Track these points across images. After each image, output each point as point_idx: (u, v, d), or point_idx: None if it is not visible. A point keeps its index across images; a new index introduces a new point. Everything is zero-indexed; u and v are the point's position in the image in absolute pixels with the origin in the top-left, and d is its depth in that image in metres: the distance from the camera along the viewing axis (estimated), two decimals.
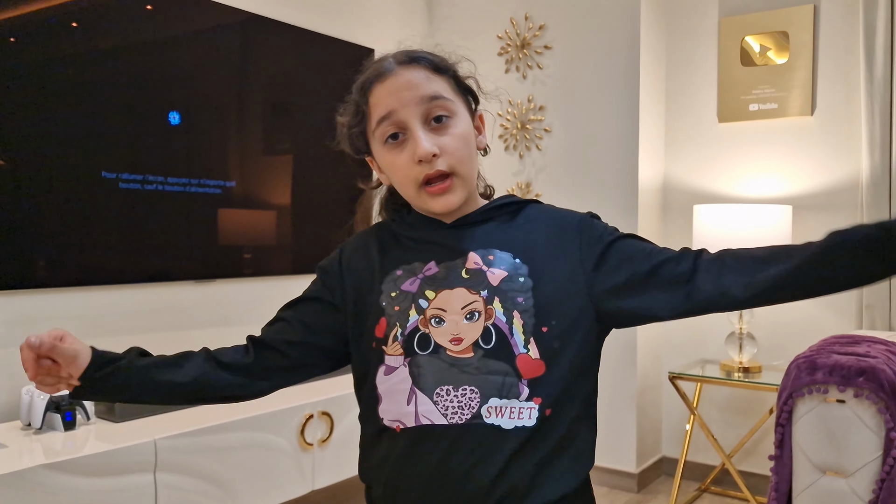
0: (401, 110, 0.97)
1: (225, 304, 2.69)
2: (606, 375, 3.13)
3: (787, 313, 2.97)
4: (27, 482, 1.68)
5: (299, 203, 2.87)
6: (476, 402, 0.92)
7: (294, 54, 2.86)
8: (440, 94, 0.99)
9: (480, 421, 0.92)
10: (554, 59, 3.31)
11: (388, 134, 0.99)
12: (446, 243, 1.01)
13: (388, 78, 0.99)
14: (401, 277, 1.00)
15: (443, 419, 0.93)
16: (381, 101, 0.99)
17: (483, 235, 1.02)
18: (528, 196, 3.36)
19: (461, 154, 0.99)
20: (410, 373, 0.95)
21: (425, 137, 0.97)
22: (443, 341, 0.95)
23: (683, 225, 3.21)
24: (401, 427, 0.95)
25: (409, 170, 0.98)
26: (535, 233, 1.03)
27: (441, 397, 0.93)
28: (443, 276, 0.99)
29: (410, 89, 0.98)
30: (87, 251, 2.22)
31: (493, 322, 0.95)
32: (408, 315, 0.97)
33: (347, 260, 1.08)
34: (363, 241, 1.10)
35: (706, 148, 3.18)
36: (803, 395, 2.01)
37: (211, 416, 2.18)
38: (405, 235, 1.06)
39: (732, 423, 3.10)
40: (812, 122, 2.93)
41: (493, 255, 0.99)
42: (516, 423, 0.92)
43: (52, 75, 2.12)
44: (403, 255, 1.03)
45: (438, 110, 0.98)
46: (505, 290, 0.96)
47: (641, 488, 3.10)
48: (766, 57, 3.02)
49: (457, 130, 0.99)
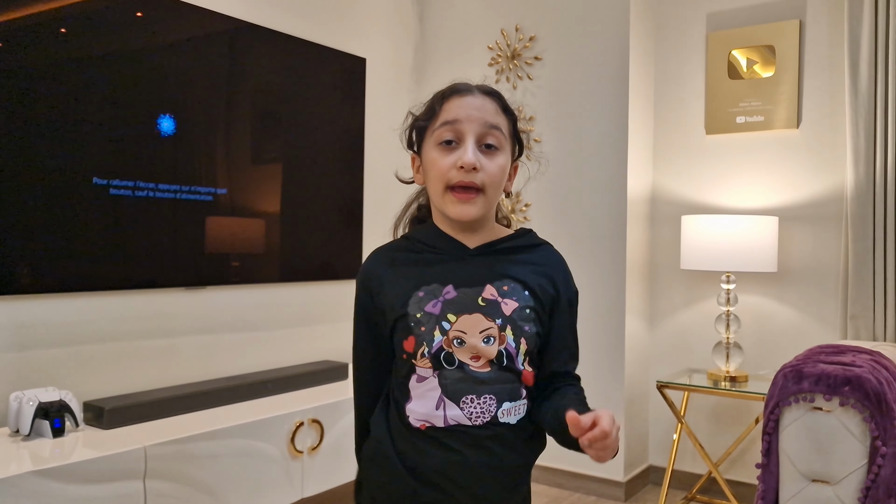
0: (465, 123, 1.15)
1: (213, 312, 2.68)
2: (594, 384, 3.15)
3: (772, 324, 3.01)
4: (15, 489, 1.67)
5: (288, 212, 2.87)
6: (494, 406, 1.14)
7: (285, 63, 2.86)
8: (499, 127, 1.17)
9: (497, 421, 1.14)
10: (544, 70, 3.34)
11: (444, 138, 1.16)
12: (466, 270, 1.18)
13: (466, 96, 1.17)
14: (423, 299, 1.15)
15: (468, 422, 1.13)
16: (453, 108, 1.17)
17: (500, 267, 1.19)
18: (517, 206, 3.38)
19: (495, 180, 1.17)
20: (440, 383, 1.14)
21: (473, 151, 1.14)
22: (465, 359, 1.14)
23: (671, 235, 3.24)
24: (426, 426, 1.14)
25: (448, 171, 1.15)
26: (544, 272, 1.22)
27: (466, 405, 1.13)
28: (461, 301, 1.15)
29: (480, 111, 1.16)
30: (75, 257, 2.21)
31: (505, 346, 1.15)
32: (433, 335, 1.13)
33: (375, 278, 1.23)
34: (381, 260, 1.24)
35: (694, 159, 3.22)
36: (790, 404, 2.03)
37: (201, 423, 2.17)
38: (428, 251, 1.21)
39: (719, 432, 3.12)
40: (798, 134, 2.97)
41: (508, 287, 1.17)
42: (518, 417, 1.16)
43: (40, 82, 2.12)
44: (424, 274, 1.18)
45: (492, 139, 1.16)
46: (516, 320, 1.16)
47: (629, 497, 3.11)
48: (753, 70, 3.06)
49: (499, 161, 1.17)
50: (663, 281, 3.30)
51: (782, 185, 3.00)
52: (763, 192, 3.04)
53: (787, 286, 2.99)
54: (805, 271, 2.95)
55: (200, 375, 2.62)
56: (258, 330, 2.85)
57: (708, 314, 3.15)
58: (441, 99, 1.19)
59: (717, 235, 2.80)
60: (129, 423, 2.13)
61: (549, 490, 3.21)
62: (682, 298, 3.24)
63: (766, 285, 3.03)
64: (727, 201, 3.12)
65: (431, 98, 1.22)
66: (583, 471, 3.18)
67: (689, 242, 2.90)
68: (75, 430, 2.05)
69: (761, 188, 3.05)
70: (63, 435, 1.98)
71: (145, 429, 2.10)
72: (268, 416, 2.28)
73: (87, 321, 2.29)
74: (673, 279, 3.27)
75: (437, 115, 1.18)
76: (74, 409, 2.03)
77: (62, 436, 1.98)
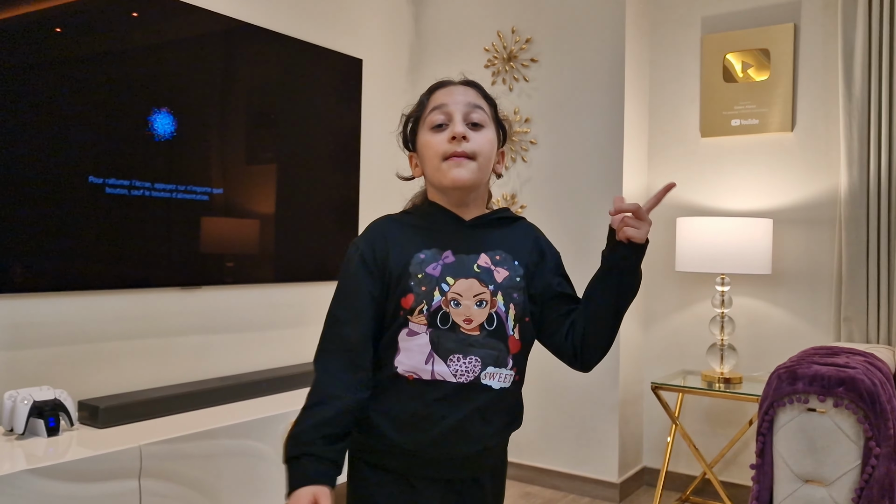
0: (451, 105, 1.28)
1: (207, 312, 2.68)
2: (588, 386, 3.16)
3: (766, 326, 3.02)
4: (9, 487, 1.66)
5: (283, 212, 2.87)
6: (478, 368, 1.22)
7: (282, 63, 2.86)
8: (482, 108, 1.30)
9: (479, 382, 1.22)
10: (540, 72, 3.35)
11: (435, 122, 1.28)
12: (463, 239, 1.28)
13: (450, 86, 1.32)
14: (424, 261, 1.25)
15: (452, 378, 1.21)
16: (439, 97, 1.30)
17: (493, 238, 1.30)
18: (513, 207, 3.39)
19: (483, 150, 1.28)
20: (431, 340, 1.22)
21: (461, 124, 1.26)
22: (458, 320, 1.23)
23: (666, 237, 3.26)
24: (414, 377, 1.21)
25: (441, 145, 1.26)
26: (529, 244, 1.34)
27: (453, 362, 1.21)
28: (459, 266, 1.25)
29: (463, 95, 1.30)
30: (71, 256, 2.20)
31: (496, 310, 1.24)
32: (433, 295, 1.22)
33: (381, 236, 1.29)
34: (385, 225, 1.32)
35: (689, 161, 3.23)
36: (784, 405, 2.04)
37: (197, 422, 2.17)
38: (427, 220, 1.31)
39: (713, 434, 3.13)
40: (792, 137, 2.99)
41: (500, 256, 1.28)
42: (501, 385, 1.24)
43: (35, 81, 2.11)
44: (423, 240, 1.28)
45: (477, 116, 1.28)
46: (506, 287, 1.26)
47: (623, 498, 3.12)
48: (748, 74, 3.08)
49: (486, 136, 1.29)
50: (658, 283, 3.31)
51: (777, 187, 3.02)
52: (757, 194, 3.05)
53: (781, 288, 3.00)
54: (799, 274, 2.97)
55: (195, 375, 2.61)
56: (253, 330, 2.85)
57: (702, 316, 3.16)
58: (428, 93, 1.33)
59: (712, 237, 2.81)
60: (124, 423, 2.12)
61: (544, 491, 3.21)
62: (677, 300, 3.25)
63: (761, 287, 3.04)
64: (722, 203, 3.13)
65: (420, 97, 1.35)
66: (577, 472, 3.19)
67: (683, 244, 2.91)
68: (70, 429, 2.04)
69: (756, 191, 3.06)
70: (58, 434, 1.98)
71: (140, 428, 2.09)
72: (264, 416, 2.28)
73: (82, 320, 2.29)
74: (667, 281, 3.28)
75: (426, 106, 1.31)
76: (69, 408, 2.02)
77: (57, 435, 1.97)
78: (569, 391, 3.21)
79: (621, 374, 3.13)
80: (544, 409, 3.28)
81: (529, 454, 3.32)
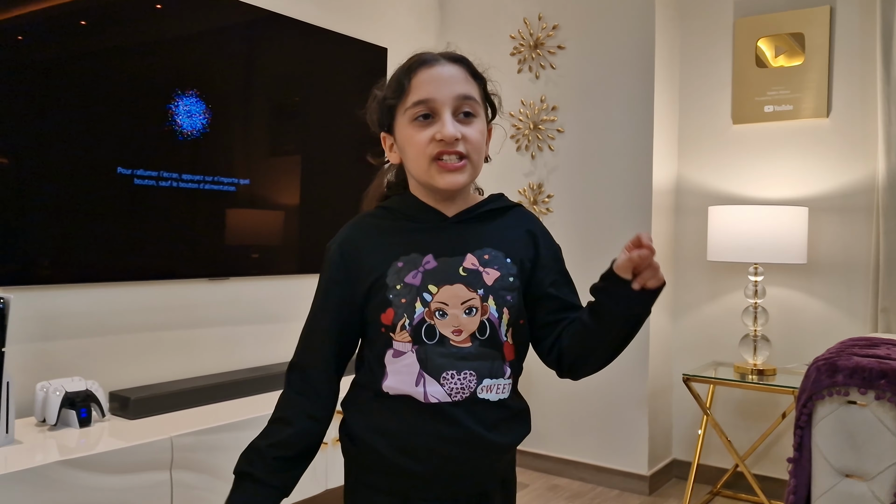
0: (438, 99, 1.11)
1: (234, 303, 2.68)
2: (616, 377, 3.12)
3: (801, 316, 2.96)
4: (42, 479, 1.66)
5: (307, 203, 2.86)
6: (473, 382, 1.09)
7: (306, 53, 2.84)
8: (472, 96, 1.14)
9: (475, 397, 1.10)
10: (567, 60, 3.30)
11: (419, 114, 1.11)
12: (445, 239, 1.14)
13: (433, 66, 1.13)
14: (402, 269, 1.11)
15: (448, 398, 1.09)
16: (422, 85, 1.12)
17: (481, 235, 1.15)
18: (539, 197, 3.35)
19: (477, 146, 1.13)
20: (419, 358, 1.09)
21: (451, 123, 1.10)
22: (446, 332, 1.10)
23: (697, 227, 3.20)
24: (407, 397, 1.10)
25: (427, 146, 1.10)
26: (523, 236, 1.19)
27: (447, 380, 1.08)
28: (442, 271, 1.11)
29: (450, 84, 1.12)
30: (100, 248, 2.20)
31: (488, 317, 1.11)
32: (414, 307, 1.09)
33: (352, 248, 1.17)
34: (360, 228, 1.20)
35: (720, 149, 3.17)
36: (823, 398, 1.99)
37: (225, 413, 2.17)
38: (405, 219, 1.17)
39: (745, 426, 3.08)
40: (827, 123, 2.92)
41: (489, 255, 1.14)
42: (500, 396, 1.12)
43: (61, 74, 2.11)
44: (401, 244, 1.14)
45: (468, 108, 1.13)
46: (498, 289, 1.12)
47: (653, 491, 3.08)
48: (782, 58, 3.01)
49: (478, 127, 1.14)
50: (688, 273, 3.25)
51: (812, 175, 2.95)
52: (792, 182, 2.99)
53: (817, 278, 2.93)
54: (835, 263, 2.90)
55: (224, 366, 2.62)
56: (280, 321, 2.84)
57: (734, 307, 3.10)
58: (408, 73, 1.13)
59: (745, 226, 2.75)
60: (155, 414, 2.13)
61: (571, 484, 3.19)
62: (708, 291, 3.20)
63: (795, 277, 2.98)
64: (755, 192, 3.07)
65: (396, 73, 1.16)
66: (605, 464, 3.16)
67: (716, 233, 2.85)
68: (101, 420, 2.05)
69: (790, 178, 2.99)
70: (90, 425, 1.98)
71: (171, 419, 2.10)
72: None
73: (112, 311, 2.29)
74: (698, 271, 3.22)
75: (406, 93, 1.12)
76: (100, 399, 2.03)
77: (89, 426, 1.98)
78: (595, 381, 3.17)
79: (650, 364, 3.08)
80: (570, 399, 3.25)
81: (556, 445, 3.29)
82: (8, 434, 1.79)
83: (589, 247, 3.20)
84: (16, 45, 2.00)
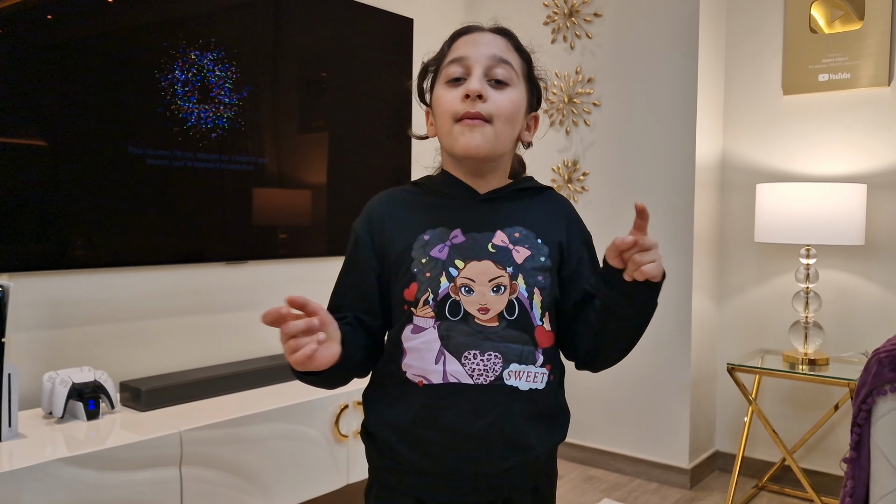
0: (472, 57, 1.08)
1: (255, 287, 2.58)
2: (657, 364, 2.96)
3: (857, 302, 2.75)
4: (46, 476, 1.58)
5: (335, 182, 2.73)
6: (499, 366, 1.03)
7: (329, 24, 2.71)
8: (509, 62, 1.09)
9: (501, 383, 1.03)
10: (604, 28, 3.10)
11: (452, 76, 1.09)
12: (475, 215, 1.09)
13: (474, 33, 1.12)
14: (429, 243, 1.06)
15: (469, 379, 1.02)
16: (460, 46, 1.11)
17: (512, 213, 1.10)
18: (574, 175, 3.18)
19: (503, 112, 1.07)
20: (440, 335, 1.03)
21: (479, 80, 1.07)
22: (472, 310, 1.04)
23: (745, 205, 3.00)
24: (424, 382, 1.04)
25: (453, 103, 1.07)
26: (554, 218, 1.14)
27: (469, 360, 1.02)
28: (470, 246, 1.06)
29: (487, 45, 1.10)
30: (111, 231, 2.11)
31: (517, 296, 1.05)
32: (439, 282, 1.04)
33: (378, 217, 1.13)
34: (387, 202, 1.15)
35: (770, 122, 2.95)
36: (885, 394, 1.81)
37: (241, 405, 2.07)
38: (436, 194, 1.13)
39: (793, 418, 2.89)
40: (889, 92, 2.68)
41: (519, 234, 1.09)
42: (531, 386, 1.05)
43: (84, 52, 2.01)
44: (429, 218, 1.09)
45: (501, 73, 1.08)
46: (528, 269, 1.06)
47: (694, 484, 2.92)
48: (837, 23, 2.77)
49: (509, 96, 1.08)
50: (734, 255, 3.06)
51: (871, 149, 2.72)
52: (849, 157, 2.76)
53: (875, 261, 2.72)
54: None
55: (242, 354, 2.52)
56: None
57: (783, 291, 2.91)
58: (450, 40, 1.14)
59: (797, 205, 2.55)
60: (167, 405, 2.04)
61: (608, 475, 3.05)
62: (755, 274, 3.00)
63: (851, 260, 2.76)
64: (807, 168, 2.85)
65: (443, 44, 1.16)
66: (644, 456, 3.00)
67: (764, 213, 2.66)
68: (110, 411, 1.97)
69: (847, 153, 2.77)
70: (98, 417, 1.90)
71: (181, 411, 2.00)
72: (310, 399, 2.16)
73: (123, 298, 2.20)
74: (745, 253, 3.03)
75: (445, 57, 1.12)
76: (110, 390, 1.94)
77: (97, 418, 1.90)
78: (635, 369, 3.01)
79: (693, 351, 2.91)
80: (608, 387, 3.09)
81: (592, 435, 3.15)
82: (11, 428, 1.70)
83: (627, 227, 3.02)
84: (46, 25, 1.90)
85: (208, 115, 2.33)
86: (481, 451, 1.03)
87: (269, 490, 2.04)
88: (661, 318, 2.96)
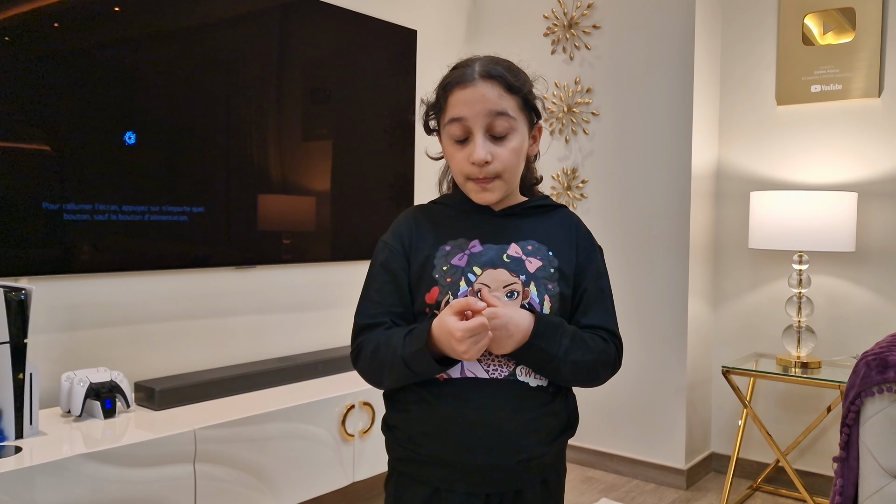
0: (470, 118, 1.15)
1: (263, 292, 2.64)
2: (654, 367, 3.03)
3: (848, 307, 2.83)
4: (65, 471, 1.65)
5: (338, 189, 2.81)
6: (512, 363, 1.14)
7: (334, 35, 2.78)
8: (506, 112, 1.16)
9: (514, 378, 1.14)
10: (603, 40, 3.18)
11: (456, 137, 1.18)
12: (492, 229, 1.21)
13: (468, 86, 1.15)
14: (450, 253, 1.18)
15: (485, 374, 1.13)
16: (456, 104, 1.16)
17: (525, 228, 1.22)
18: (574, 182, 3.25)
19: (509, 165, 1.18)
20: None
21: (483, 146, 1.15)
22: None
23: (739, 213, 3.08)
24: (444, 377, 1.14)
25: (463, 165, 1.18)
26: (565, 235, 1.24)
27: (484, 356, 1.13)
28: (487, 255, 1.17)
29: (483, 102, 1.14)
30: (126, 236, 2.18)
31: (529, 302, 1.15)
32: (458, 286, 1.14)
33: (407, 230, 1.24)
34: (412, 217, 1.26)
35: (764, 132, 3.03)
36: (873, 395, 1.88)
37: (252, 405, 2.14)
38: (457, 210, 1.24)
39: (787, 420, 2.97)
40: (879, 104, 2.77)
41: (532, 246, 1.20)
42: (539, 383, 1.16)
43: (97, 59, 2.08)
44: (451, 230, 1.21)
45: (500, 127, 1.16)
46: (539, 277, 1.17)
47: (690, 485, 2.99)
48: (830, 35, 2.86)
49: (511, 145, 1.18)
50: (729, 261, 3.13)
51: (861, 158, 2.80)
52: (840, 166, 2.84)
53: (866, 267, 2.80)
54: (886, 251, 2.76)
55: (251, 356, 2.59)
56: (309, 310, 2.81)
57: (777, 296, 2.98)
58: (444, 90, 1.19)
59: (790, 213, 2.63)
60: (181, 405, 2.11)
61: (606, 476, 3.11)
62: (749, 280, 3.08)
63: (843, 266, 2.84)
64: (800, 177, 2.93)
65: (437, 87, 1.22)
66: (641, 457, 3.07)
67: (758, 220, 2.73)
68: (126, 410, 2.04)
69: (838, 162, 2.85)
70: (114, 416, 1.97)
71: (195, 410, 2.07)
72: (318, 399, 2.23)
73: (138, 301, 2.27)
74: (739, 259, 3.10)
75: (444, 110, 1.19)
76: (125, 390, 2.01)
77: (113, 417, 1.97)
78: (632, 372, 3.08)
79: (689, 355, 2.98)
80: (606, 391, 3.16)
81: (590, 437, 3.21)
82: (32, 426, 1.77)
83: (625, 234, 3.10)
84: (52, 33, 1.97)
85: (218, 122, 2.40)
86: (498, 442, 1.12)
87: (277, 487, 2.10)
88: (658, 323, 3.03)
